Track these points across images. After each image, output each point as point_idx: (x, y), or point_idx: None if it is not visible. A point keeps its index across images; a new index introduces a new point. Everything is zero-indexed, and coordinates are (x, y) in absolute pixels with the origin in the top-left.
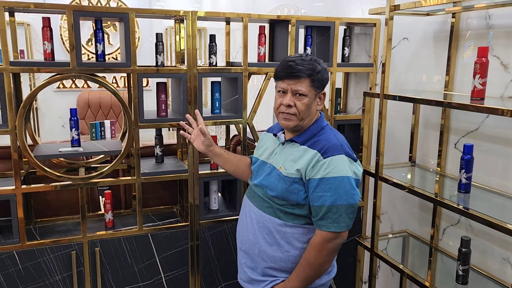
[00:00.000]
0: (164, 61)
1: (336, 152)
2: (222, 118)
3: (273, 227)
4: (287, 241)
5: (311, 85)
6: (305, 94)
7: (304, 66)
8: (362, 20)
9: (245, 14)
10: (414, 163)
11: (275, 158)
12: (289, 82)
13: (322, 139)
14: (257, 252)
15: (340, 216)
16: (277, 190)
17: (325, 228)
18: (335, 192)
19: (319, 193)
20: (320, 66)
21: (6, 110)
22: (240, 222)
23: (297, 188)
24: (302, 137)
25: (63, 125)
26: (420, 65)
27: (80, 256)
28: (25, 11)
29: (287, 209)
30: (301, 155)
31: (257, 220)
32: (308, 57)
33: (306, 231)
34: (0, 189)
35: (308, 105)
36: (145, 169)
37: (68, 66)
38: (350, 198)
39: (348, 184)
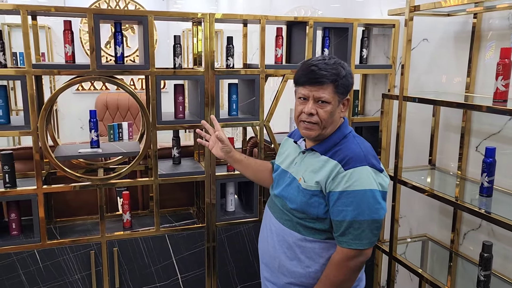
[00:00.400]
0: (182, 63)
1: (359, 163)
2: (239, 120)
3: (293, 242)
4: (307, 256)
5: (335, 92)
6: (328, 101)
7: (328, 71)
8: (381, 21)
9: (262, 16)
10: (434, 166)
11: (295, 168)
12: (311, 88)
13: (344, 149)
14: (277, 266)
15: (362, 232)
16: (297, 202)
17: (346, 245)
18: (357, 207)
19: (339, 207)
20: (345, 70)
21: (28, 112)
22: (261, 233)
23: (317, 201)
24: (323, 146)
25: (81, 127)
26: (440, 66)
27: (99, 256)
28: (46, 14)
29: (307, 223)
30: (322, 166)
31: (276, 233)
32: (332, 60)
33: (327, 246)
34: (22, 189)
35: (331, 113)
36: (162, 170)
37: (88, 68)
38: (374, 213)
39: (371, 197)
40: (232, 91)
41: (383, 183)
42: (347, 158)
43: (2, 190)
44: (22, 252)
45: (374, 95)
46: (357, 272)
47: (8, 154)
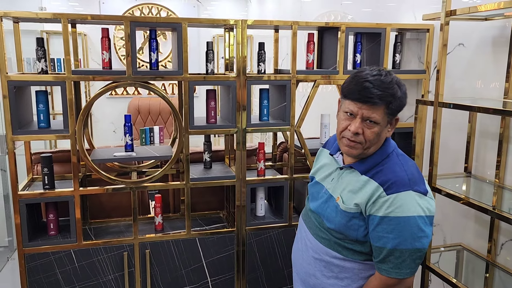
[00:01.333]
0: (214, 69)
1: (402, 188)
2: (270, 126)
3: (330, 261)
4: (346, 276)
5: (386, 113)
6: (377, 122)
7: (383, 91)
8: (415, 26)
9: (294, 21)
10: (470, 173)
11: (332, 185)
12: (361, 106)
13: (387, 171)
14: (313, 284)
15: (403, 261)
16: (335, 223)
17: (385, 273)
18: (399, 235)
19: (380, 233)
20: (401, 91)
21: (67, 116)
22: (296, 245)
23: (357, 224)
24: (364, 165)
25: (114, 130)
26: (477, 71)
27: (131, 257)
28: (85, 22)
29: (346, 244)
30: (361, 186)
31: (313, 249)
32: (389, 78)
33: (368, 267)
34: (60, 191)
35: (378, 134)
36: (194, 174)
37: (124, 74)
38: (417, 242)
39: (415, 226)
40: (263, 96)
41: (430, 207)
42: (390, 182)
43: (41, 192)
44: (59, 252)
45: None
46: None
47: (48, 157)
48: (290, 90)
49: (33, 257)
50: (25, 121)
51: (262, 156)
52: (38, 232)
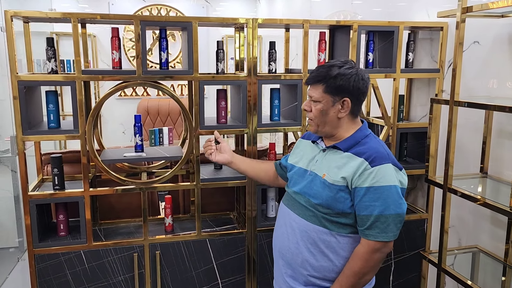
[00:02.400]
0: (224, 69)
1: (384, 161)
2: (281, 126)
3: (317, 237)
4: (331, 251)
5: (325, 91)
6: (318, 100)
7: (318, 72)
8: (428, 24)
9: (305, 20)
10: (486, 174)
11: (316, 165)
12: (309, 88)
13: (369, 148)
14: (300, 262)
15: (388, 226)
16: (322, 198)
17: (372, 238)
18: (383, 202)
19: (366, 202)
20: (338, 71)
21: (77, 116)
22: (279, 231)
23: (343, 196)
24: (346, 143)
25: (123, 131)
26: (493, 70)
27: (142, 258)
28: (95, 22)
29: (332, 217)
30: (346, 162)
31: (299, 229)
32: (329, 63)
33: (351, 241)
34: (70, 191)
35: (322, 111)
36: (204, 175)
37: (134, 74)
38: (398, 208)
39: (395, 193)
40: (274, 96)
41: (403, 181)
42: (373, 156)
43: (51, 192)
44: (69, 253)
45: (420, 101)
46: (380, 263)
47: (58, 157)
48: (301, 90)
49: (43, 258)
50: (35, 121)
51: (273, 157)
52: (48, 233)
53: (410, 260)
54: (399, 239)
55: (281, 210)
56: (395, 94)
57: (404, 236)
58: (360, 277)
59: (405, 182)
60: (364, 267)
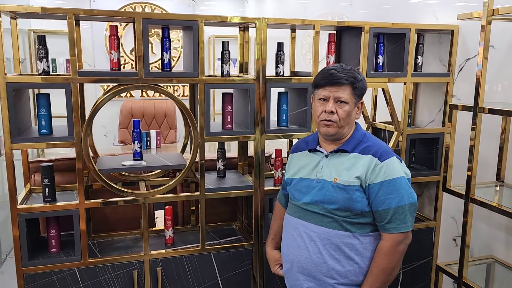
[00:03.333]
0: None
1: (390, 155)
2: (290, 132)
3: (341, 241)
4: (356, 253)
5: (352, 93)
6: (346, 101)
7: (346, 74)
8: (438, 27)
9: (316, 20)
10: (503, 182)
11: (323, 172)
12: (331, 89)
13: (372, 144)
14: (325, 271)
15: (405, 216)
16: (339, 202)
17: (394, 231)
18: (398, 194)
19: (382, 197)
20: (360, 76)
21: (72, 122)
22: (293, 244)
23: (359, 196)
24: (350, 145)
25: (105, 134)
26: (508, 75)
27: (141, 275)
28: (92, 19)
29: (352, 219)
30: (354, 162)
31: (320, 237)
32: (348, 67)
33: (373, 239)
34: (64, 204)
35: (349, 113)
36: (208, 184)
37: (135, 76)
38: (411, 197)
39: (405, 184)
40: (282, 100)
41: (407, 171)
42: (380, 151)
43: (42, 205)
44: (62, 271)
45: (426, 106)
46: (403, 254)
47: (49, 166)
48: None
49: (33, 277)
50: (24, 127)
51: (279, 164)
52: (37, 248)
53: (418, 270)
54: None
55: (290, 223)
56: (405, 99)
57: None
58: (389, 273)
59: (408, 173)
60: (390, 261)
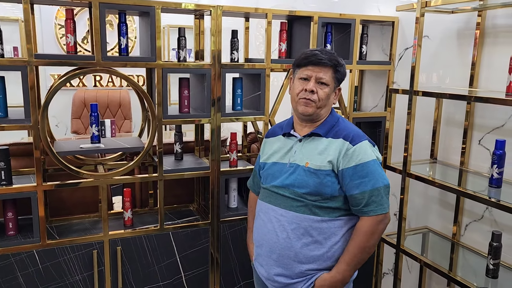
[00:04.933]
0: (186, 57)
1: (361, 139)
2: (244, 115)
3: (309, 225)
4: (325, 237)
5: (333, 76)
6: (327, 83)
7: (330, 56)
8: (381, 18)
9: (269, 9)
10: (436, 160)
11: (296, 156)
12: (314, 69)
13: (344, 128)
14: (293, 256)
15: (382, 198)
16: (309, 186)
17: (372, 213)
18: (372, 177)
19: (356, 180)
20: (342, 61)
21: (28, 105)
22: (264, 229)
23: (330, 180)
24: (323, 128)
25: (57, 125)
26: (442, 63)
27: (101, 255)
28: (48, 3)
29: (321, 203)
30: (326, 146)
31: (288, 221)
32: (331, 50)
33: (342, 223)
34: (21, 186)
35: (328, 95)
36: (166, 166)
37: (93, 60)
38: (384, 179)
39: (378, 166)
40: (237, 85)
41: (378, 156)
42: (351, 135)
43: None
44: (20, 253)
45: (370, 92)
46: (381, 234)
47: (4, 149)
48: (264, 79)
49: None
50: None
51: (234, 147)
52: None
53: None
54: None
55: (261, 207)
56: (351, 85)
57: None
58: (366, 252)
59: (380, 157)
60: (369, 240)
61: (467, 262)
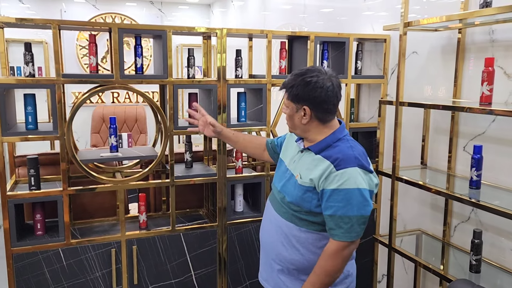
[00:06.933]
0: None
1: (350, 164)
2: (248, 126)
3: (289, 232)
4: (302, 246)
5: (288, 98)
6: (286, 105)
7: (287, 81)
8: (374, 36)
9: (269, 31)
10: (426, 165)
11: (293, 165)
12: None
13: (337, 151)
14: (274, 256)
15: (352, 226)
16: (293, 196)
17: (337, 238)
18: (347, 203)
19: (331, 203)
20: (297, 81)
21: (56, 118)
22: (263, 223)
23: (310, 196)
24: (318, 146)
25: (77, 139)
26: (429, 76)
27: (119, 254)
28: (74, 28)
29: (301, 215)
30: (316, 164)
31: (275, 224)
32: (297, 71)
33: (320, 237)
34: (49, 190)
35: (289, 116)
36: (177, 173)
37: (112, 78)
38: (362, 209)
39: (360, 196)
40: (241, 99)
41: (372, 183)
42: (339, 160)
43: (29, 192)
44: (47, 251)
45: (367, 104)
46: (348, 260)
47: (34, 158)
48: (265, 93)
49: (21, 257)
50: (11, 123)
51: (240, 155)
52: (23, 233)
53: (364, 246)
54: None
55: (267, 205)
56: (347, 98)
57: None
58: (331, 275)
59: (373, 184)
60: (334, 264)
61: (457, 260)
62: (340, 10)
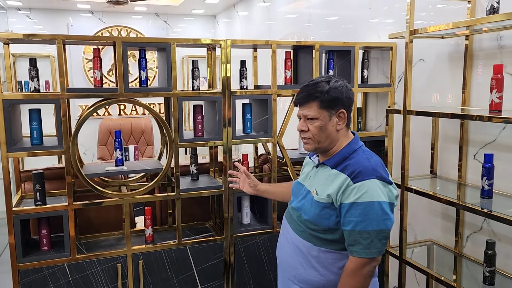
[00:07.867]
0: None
1: (368, 177)
2: (254, 137)
3: (307, 251)
4: (322, 266)
5: (320, 107)
6: (315, 117)
7: (308, 91)
8: (379, 44)
9: (273, 41)
10: (435, 175)
11: (309, 182)
12: (301, 108)
13: (353, 163)
14: (293, 275)
15: (371, 242)
16: (310, 214)
17: (356, 254)
18: (365, 218)
19: (349, 218)
20: (329, 85)
21: (61, 132)
22: (280, 241)
23: (328, 213)
24: (333, 160)
25: (84, 152)
26: (436, 84)
27: (125, 269)
28: (78, 43)
29: (319, 234)
30: (333, 179)
31: (292, 242)
32: (316, 80)
33: (340, 257)
34: (54, 205)
35: (322, 128)
36: (183, 185)
37: (116, 91)
38: (382, 224)
39: (379, 209)
40: (246, 110)
41: (391, 195)
42: (356, 172)
43: (34, 207)
44: (53, 266)
45: (374, 113)
46: (371, 277)
47: (39, 173)
48: (271, 104)
49: (26, 273)
50: (17, 139)
51: (247, 167)
52: (29, 249)
53: None
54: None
55: (283, 222)
56: (354, 107)
57: None
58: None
59: (393, 196)
60: (354, 283)
61: (470, 272)
62: (345, 18)
